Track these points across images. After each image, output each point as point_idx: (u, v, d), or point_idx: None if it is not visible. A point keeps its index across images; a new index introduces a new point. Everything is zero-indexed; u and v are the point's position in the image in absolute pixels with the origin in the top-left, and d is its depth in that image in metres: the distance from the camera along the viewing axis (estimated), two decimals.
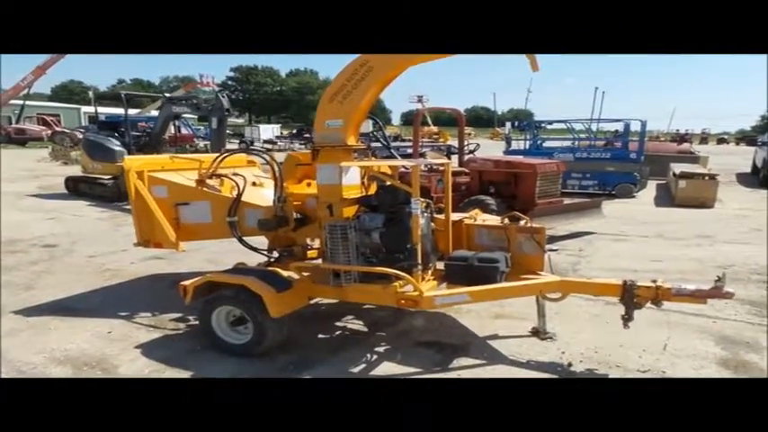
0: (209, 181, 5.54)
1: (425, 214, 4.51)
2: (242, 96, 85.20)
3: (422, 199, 4.28)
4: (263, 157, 5.43)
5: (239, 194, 5.26)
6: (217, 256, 7.61)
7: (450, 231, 4.87)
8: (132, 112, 28.17)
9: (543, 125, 18.68)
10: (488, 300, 4.69)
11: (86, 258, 7.72)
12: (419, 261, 4.14)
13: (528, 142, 17.84)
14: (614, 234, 9.99)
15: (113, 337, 4.89)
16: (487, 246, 4.84)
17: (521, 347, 4.71)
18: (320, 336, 5.01)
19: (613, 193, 15.29)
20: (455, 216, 5.09)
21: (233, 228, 5.30)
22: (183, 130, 28.27)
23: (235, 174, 5.55)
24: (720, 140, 65.06)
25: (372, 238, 4.31)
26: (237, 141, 35.03)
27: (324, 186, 4.64)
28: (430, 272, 4.60)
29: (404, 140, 16.56)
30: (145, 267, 7.25)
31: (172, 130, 15.61)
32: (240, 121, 76.02)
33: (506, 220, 4.87)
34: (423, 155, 11.22)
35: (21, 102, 37.99)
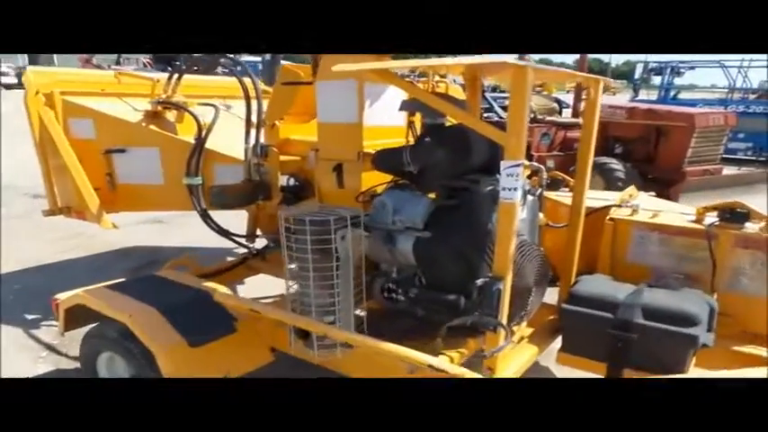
0: (168, 115, 3.36)
1: (530, 198, 2.02)
2: None
3: (527, 162, 1.86)
4: (233, 71, 3.14)
5: (200, 138, 3.04)
6: None
7: (580, 233, 2.33)
8: None
9: (682, 69, 14.65)
10: None
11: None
12: (503, 318, 1.71)
13: (663, 91, 14.17)
14: None
15: None
16: (656, 268, 2.29)
17: None
18: None
19: None
20: (592, 198, 2.54)
21: (193, 195, 3.12)
22: None
23: (205, 104, 3.32)
24: None
25: (399, 252, 1.91)
26: None
27: (327, 127, 2.35)
28: (524, 322, 2.14)
29: (503, 92, 13.42)
30: (130, 235, 5.32)
31: None
32: None
33: (710, 217, 2.25)
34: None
35: None
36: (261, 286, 3.43)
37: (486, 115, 8.27)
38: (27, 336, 3.37)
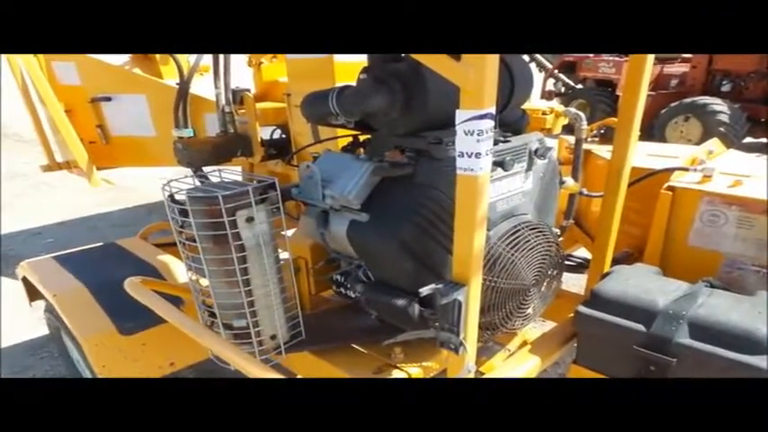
0: (157, 55, 3.01)
1: (539, 162, 1.44)
2: None
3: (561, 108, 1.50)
4: None
5: (182, 82, 2.65)
6: None
7: (620, 205, 1.71)
8: None
9: None
10: None
11: None
12: (468, 335, 1.19)
13: None
14: None
15: None
16: (728, 256, 1.63)
17: None
18: None
19: None
20: (654, 156, 1.92)
21: (178, 151, 2.74)
22: None
23: None
24: None
25: (332, 239, 1.42)
26: None
27: (296, 64, 1.98)
28: (529, 323, 1.59)
29: None
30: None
31: None
32: None
33: None
34: None
35: None
36: None
37: None
38: None
